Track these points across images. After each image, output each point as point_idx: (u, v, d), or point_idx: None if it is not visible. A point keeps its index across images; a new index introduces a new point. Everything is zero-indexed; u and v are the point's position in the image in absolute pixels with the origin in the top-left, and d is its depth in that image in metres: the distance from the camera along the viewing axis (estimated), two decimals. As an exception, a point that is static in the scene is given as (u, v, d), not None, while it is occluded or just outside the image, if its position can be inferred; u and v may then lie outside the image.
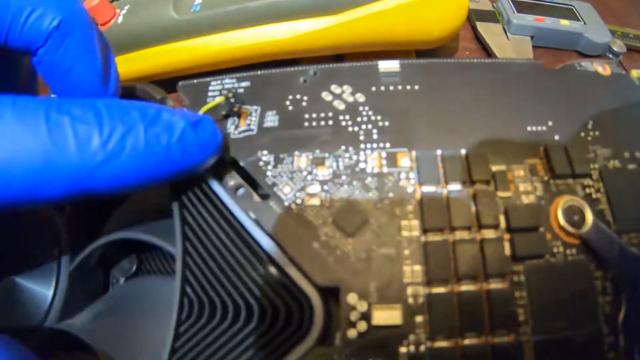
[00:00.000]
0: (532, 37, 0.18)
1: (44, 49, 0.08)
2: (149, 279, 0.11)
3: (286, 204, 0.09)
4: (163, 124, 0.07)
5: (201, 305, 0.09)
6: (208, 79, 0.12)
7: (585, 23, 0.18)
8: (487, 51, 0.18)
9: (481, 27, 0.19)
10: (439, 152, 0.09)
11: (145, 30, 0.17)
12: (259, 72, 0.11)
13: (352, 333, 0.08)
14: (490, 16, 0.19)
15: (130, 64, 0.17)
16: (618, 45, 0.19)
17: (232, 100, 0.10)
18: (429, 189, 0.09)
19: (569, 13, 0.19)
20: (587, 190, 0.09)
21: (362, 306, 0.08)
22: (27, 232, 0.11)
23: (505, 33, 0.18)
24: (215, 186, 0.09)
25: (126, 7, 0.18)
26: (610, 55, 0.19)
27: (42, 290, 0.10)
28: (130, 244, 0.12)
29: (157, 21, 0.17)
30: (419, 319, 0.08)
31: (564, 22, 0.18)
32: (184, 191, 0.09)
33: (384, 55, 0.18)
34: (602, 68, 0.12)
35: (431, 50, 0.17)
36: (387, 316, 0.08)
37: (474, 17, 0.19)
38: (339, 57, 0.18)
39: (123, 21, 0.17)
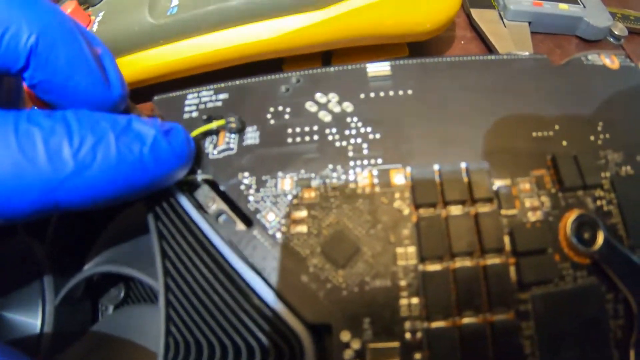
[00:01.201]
0: (530, 23, 0.16)
1: (31, 71, 0.07)
2: (137, 309, 0.10)
3: (270, 232, 0.08)
4: (134, 133, 0.07)
5: (187, 346, 0.07)
6: (184, 92, 0.10)
7: (584, 6, 0.16)
8: (483, 39, 0.16)
9: (476, 13, 0.16)
10: (436, 167, 0.08)
11: (122, 37, 0.15)
12: (237, 82, 0.10)
13: (346, 374, 0.07)
14: (486, 2, 0.17)
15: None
16: (619, 29, 0.17)
17: (232, 124, 0.09)
18: (426, 211, 0.08)
19: (568, -5, 0.16)
20: (598, 203, 0.08)
21: (356, 344, 0.07)
22: (6, 265, 0.10)
23: (502, 19, 0.16)
24: (195, 215, 0.08)
25: (101, 14, 0.16)
26: (612, 39, 0.17)
27: (29, 325, 0.09)
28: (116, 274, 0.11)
29: (133, 27, 0.15)
30: (417, 356, 0.07)
31: (563, 6, 0.16)
32: (162, 220, 0.08)
33: (375, 49, 0.16)
34: (610, 61, 0.10)
35: (424, 42, 0.15)
36: (383, 354, 0.07)
37: (468, 3, 0.17)
38: (326, 54, 0.16)
39: (98, 28, 0.15)
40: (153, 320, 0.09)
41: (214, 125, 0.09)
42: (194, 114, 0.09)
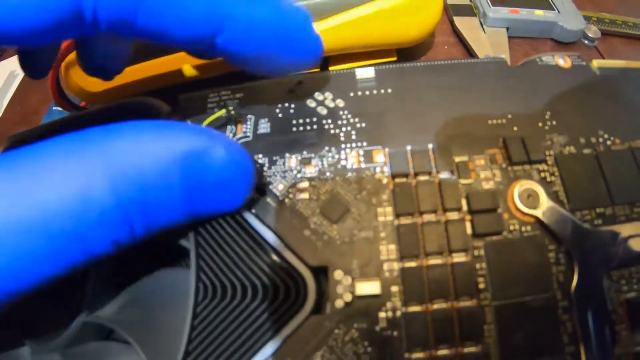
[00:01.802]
0: (507, 29, 0.19)
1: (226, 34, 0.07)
2: (164, 272, 0.13)
3: (280, 199, 0.10)
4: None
5: (214, 288, 0.10)
6: (207, 91, 0.13)
7: (559, 12, 0.19)
8: (465, 44, 0.19)
9: (458, 21, 0.19)
10: (408, 147, 0.11)
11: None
12: (250, 84, 0.13)
13: (339, 303, 0.09)
14: (467, 10, 0.20)
15: (132, 77, 0.18)
16: (593, 31, 0.19)
17: (231, 111, 0.12)
18: (400, 180, 0.10)
19: (543, 3, 0.19)
20: (542, 175, 0.10)
21: (347, 280, 0.09)
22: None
23: (482, 26, 0.19)
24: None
25: None
26: (586, 42, 0.19)
27: (72, 286, 0.12)
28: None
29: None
30: (394, 289, 0.09)
31: (538, 12, 0.19)
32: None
33: (367, 54, 0.19)
34: (563, 61, 0.13)
35: (411, 47, 0.17)
36: (368, 287, 0.09)
37: (451, 11, 0.20)
38: (324, 59, 0.19)
39: None
40: (181, 281, 0.12)
41: (217, 115, 0.11)
42: (216, 110, 0.12)
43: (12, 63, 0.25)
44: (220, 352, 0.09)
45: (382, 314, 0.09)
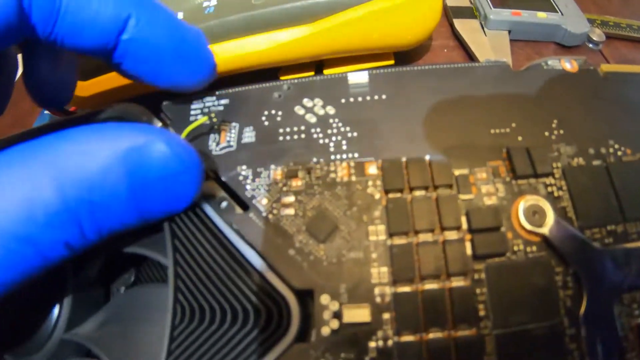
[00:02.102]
0: (509, 32, 0.18)
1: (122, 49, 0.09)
2: (146, 288, 0.12)
3: (264, 214, 0.10)
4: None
5: (192, 310, 0.09)
6: (190, 98, 0.12)
7: (562, 14, 0.18)
8: (465, 48, 0.19)
9: (458, 23, 0.19)
10: (403, 159, 0.10)
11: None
12: (237, 89, 0.12)
13: (325, 330, 0.09)
14: (468, 12, 0.19)
15: (120, 81, 0.18)
16: (597, 35, 0.19)
17: (214, 119, 0.11)
18: (394, 195, 0.09)
19: (545, 5, 0.19)
20: (550, 189, 0.10)
21: (334, 306, 0.09)
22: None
23: (483, 28, 0.18)
24: (202, 202, 0.10)
25: None
26: (590, 45, 0.19)
27: (50, 303, 0.11)
28: (128, 257, 0.13)
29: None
30: (386, 316, 0.09)
31: (541, 15, 0.18)
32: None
33: (363, 58, 0.18)
34: (570, 65, 0.12)
35: (409, 51, 0.17)
36: (357, 314, 0.08)
37: (451, 14, 0.19)
38: (319, 62, 0.19)
39: None
40: (160, 298, 0.11)
41: (198, 122, 0.11)
42: (199, 117, 0.12)
43: None
44: (197, 383, 0.09)
45: (372, 344, 0.08)
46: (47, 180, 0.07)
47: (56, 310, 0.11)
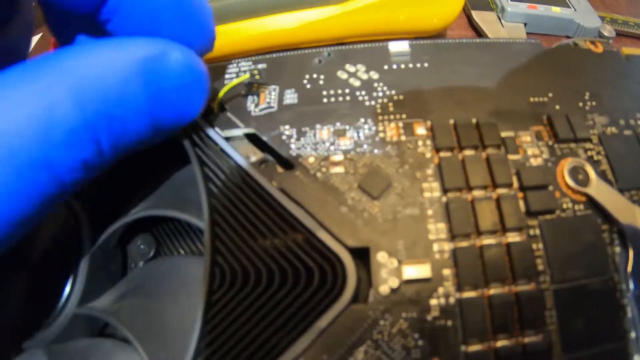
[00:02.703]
0: (525, 24, 0.20)
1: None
2: (169, 259, 0.12)
3: (312, 172, 0.10)
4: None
5: (233, 273, 0.09)
6: (224, 63, 0.12)
7: (575, 10, 0.20)
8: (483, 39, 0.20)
9: (476, 15, 0.20)
10: (451, 121, 0.10)
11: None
12: (274, 55, 0.12)
13: (384, 289, 0.09)
14: (485, 4, 0.21)
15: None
16: (608, 30, 0.21)
17: (256, 76, 0.11)
18: (445, 154, 0.10)
19: (560, 1, 0.21)
20: (589, 153, 0.11)
21: (393, 263, 0.09)
22: (47, 221, 0.11)
23: (500, 20, 0.20)
24: (239, 159, 0.10)
25: None
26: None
27: (63, 273, 0.11)
28: (148, 228, 0.12)
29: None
30: (446, 272, 0.09)
31: (556, 9, 0.20)
32: (207, 165, 0.10)
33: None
34: (595, 46, 0.13)
35: (429, 38, 0.18)
36: (417, 271, 0.09)
37: (469, 5, 0.21)
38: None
39: None
40: (185, 269, 0.11)
41: (239, 80, 0.11)
42: (241, 77, 0.12)
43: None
44: (240, 350, 0.08)
45: (433, 301, 0.09)
46: (64, 93, 0.06)
47: (69, 282, 0.10)
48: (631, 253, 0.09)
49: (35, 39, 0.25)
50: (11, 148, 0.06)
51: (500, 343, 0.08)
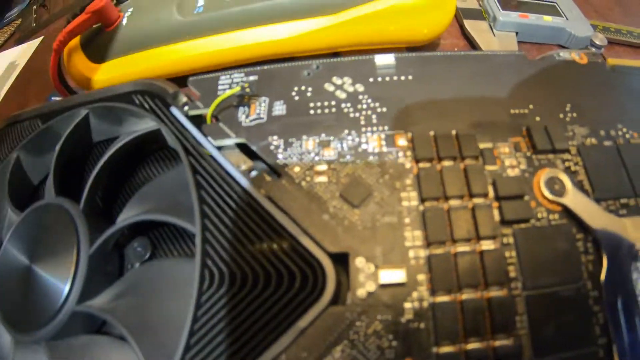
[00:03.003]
0: (517, 33, 0.21)
1: None
2: (164, 261, 0.13)
3: (297, 181, 0.11)
4: None
5: (222, 275, 0.10)
6: (217, 74, 0.13)
7: (567, 19, 0.21)
8: (475, 47, 0.21)
9: (469, 24, 0.21)
10: (431, 133, 0.11)
11: (150, 31, 0.19)
12: (265, 67, 0.13)
13: (361, 292, 0.09)
14: (477, 14, 0.21)
15: (135, 65, 0.19)
16: (599, 39, 0.21)
17: (247, 89, 0.12)
18: (424, 164, 0.11)
19: (551, 9, 0.21)
20: (567, 164, 0.11)
21: (370, 268, 0.09)
22: (43, 223, 0.12)
23: (492, 29, 0.21)
24: (230, 168, 0.11)
25: (130, 10, 0.20)
26: (593, 49, 0.21)
27: (62, 274, 0.11)
28: (144, 231, 0.13)
29: (161, 23, 0.19)
30: (421, 277, 0.09)
31: (547, 18, 0.21)
32: (200, 173, 0.11)
33: (377, 51, 0.20)
34: (579, 57, 0.14)
35: (420, 47, 0.19)
36: (393, 275, 0.09)
37: (461, 15, 0.21)
38: (335, 55, 0.20)
39: (127, 23, 0.19)
40: (180, 271, 0.12)
41: (231, 92, 0.12)
42: (232, 90, 0.13)
43: (12, 54, 0.26)
44: (227, 346, 0.09)
45: (408, 305, 0.09)
46: None
47: (69, 282, 0.11)
48: (605, 261, 0.10)
49: (36, 43, 0.26)
50: None
51: (471, 346, 0.09)
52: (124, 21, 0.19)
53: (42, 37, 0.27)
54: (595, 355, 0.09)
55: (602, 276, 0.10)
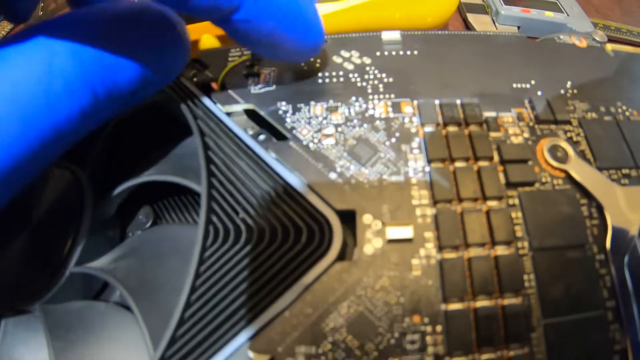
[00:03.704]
0: (518, 28, 0.22)
1: (243, 13, 0.09)
2: (165, 227, 0.13)
3: (304, 143, 0.11)
4: None
5: (226, 231, 0.10)
6: (228, 47, 0.14)
7: (568, 15, 0.22)
8: (480, 40, 0.22)
9: (472, 17, 0.22)
10: (437, 101, 0.12)
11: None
12: (274, 42, 0.14)
13: (368, 249, 0.10)
14: (480, 8, 0.23)
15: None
16: (599, 36, 0.23)
17: (256, 57, 0.13)
18: (429, 129, 0.11)
19: (553, 6, 0.23)
20: (569, 135, 0.12)
21: (377, 225, 0.10)
22: (48, 188, 0.13)
23: (494, 23, 0.22)
24: (238, 130, 0.11)
25: None
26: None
27: (63, 235, 0.12)
28: (147, 201, 0.14)
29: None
30: (428, 234, 0.10)
31: (549, 14, 0.22)
32: (208, 135, 0.11)
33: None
34: (579, 41, 0.15)
35: None
36: (400, 232, 0.10)
37: (465, 9, 0.23)
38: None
39: None
40: (182, 236, 0.12)
41: (241, 59, 0.12)
42: (242, 57, 0.13)
43: None
44: (229, 303, 0.09)
45: (415, 261, 0.09)
46: (63, 46, 0.08)
47: (69, 243, 0.11)
48: (610, 226, 0.10)
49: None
50: (17, 95, 0.07)
51: (480, 303, 0.09)
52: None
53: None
54: (603, 319, 0.09)
55: (608, 244, 0.10)
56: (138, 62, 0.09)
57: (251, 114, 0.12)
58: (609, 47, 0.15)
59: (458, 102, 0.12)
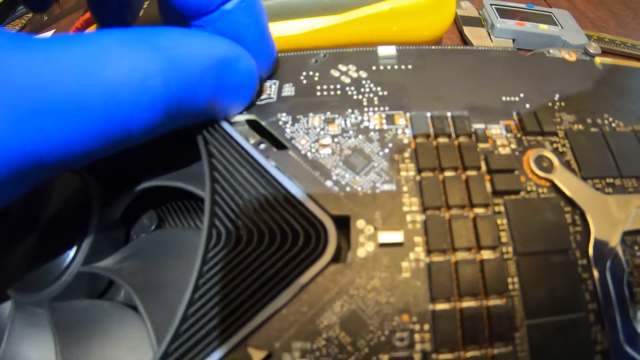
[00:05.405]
0: (513, 40, 0.23)
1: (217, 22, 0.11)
2: (170, 230, 0.14)
3: (302, 152, 0.12)
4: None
5: (228, 234, 0.11)
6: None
7: (562, 28, 0.24)
8: (477, 51, 0.23)
9: (468, 30, 0.24)
10: (428, 114, 0.13)
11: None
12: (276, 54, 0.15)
13: (361, 252, 0.11)
14: (476, 21, 0.24)
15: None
16: (593, 48, 0.24)
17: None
18: (421, 140, 0.12)
19: (547, 19, 0.24)
20: (555, 145, 0.13)
21: (370, 230, 0.11)
22: (60, 187, 0.14)
23: (490, 36, 0.23)
24: (240, 140, 0.13)
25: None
26: (587, 57, 0.24)
27: (71, 235, 0.13)
28: (152, 206, 0.15)
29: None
30: (417, 239, 0.11)
31: (543, 27, 0.23)
32: (212, 143, 0.13)
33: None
34: (569, 55, 0.16)
35: None
36: (391, 236, 0.11)
37: (461, 22, 0.24)
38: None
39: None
40: (186, 238, 0.13)
41: None
42: None
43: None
44: (230, 301, 0.10)
45: (405, 264, 0.10)
46: (158, 69, 0.08)
47: (75, 247, 0.13)
48: (592, 233, 0.11)
49: (47, 36, 0.29)
50: (110, 95, 0.08)
51: (466, 304, 0.10)
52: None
53: (53, 31, 0.29)
54: (585, 320, 0.10)
55: (590, 251, 0.11)
56: (211, 101, 0.11)
57: (253, 124, 0.13)
58: (598, 60, 0.16)
59: (449, 114, 0.13)
